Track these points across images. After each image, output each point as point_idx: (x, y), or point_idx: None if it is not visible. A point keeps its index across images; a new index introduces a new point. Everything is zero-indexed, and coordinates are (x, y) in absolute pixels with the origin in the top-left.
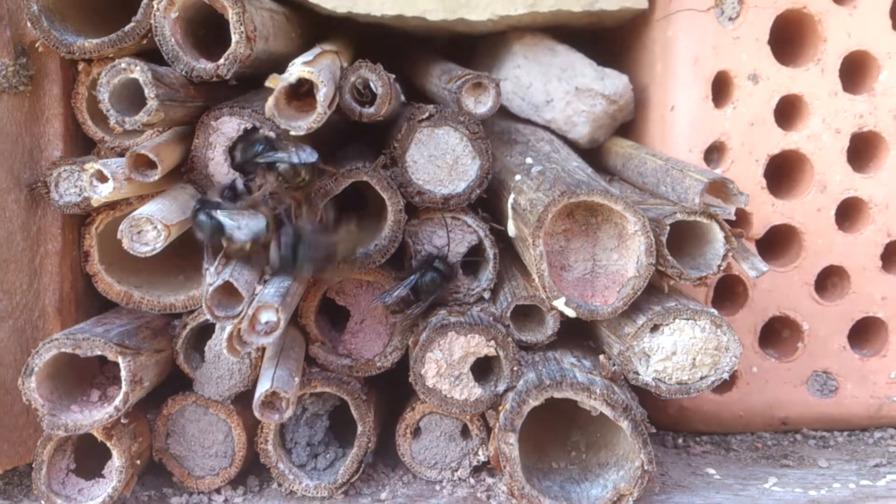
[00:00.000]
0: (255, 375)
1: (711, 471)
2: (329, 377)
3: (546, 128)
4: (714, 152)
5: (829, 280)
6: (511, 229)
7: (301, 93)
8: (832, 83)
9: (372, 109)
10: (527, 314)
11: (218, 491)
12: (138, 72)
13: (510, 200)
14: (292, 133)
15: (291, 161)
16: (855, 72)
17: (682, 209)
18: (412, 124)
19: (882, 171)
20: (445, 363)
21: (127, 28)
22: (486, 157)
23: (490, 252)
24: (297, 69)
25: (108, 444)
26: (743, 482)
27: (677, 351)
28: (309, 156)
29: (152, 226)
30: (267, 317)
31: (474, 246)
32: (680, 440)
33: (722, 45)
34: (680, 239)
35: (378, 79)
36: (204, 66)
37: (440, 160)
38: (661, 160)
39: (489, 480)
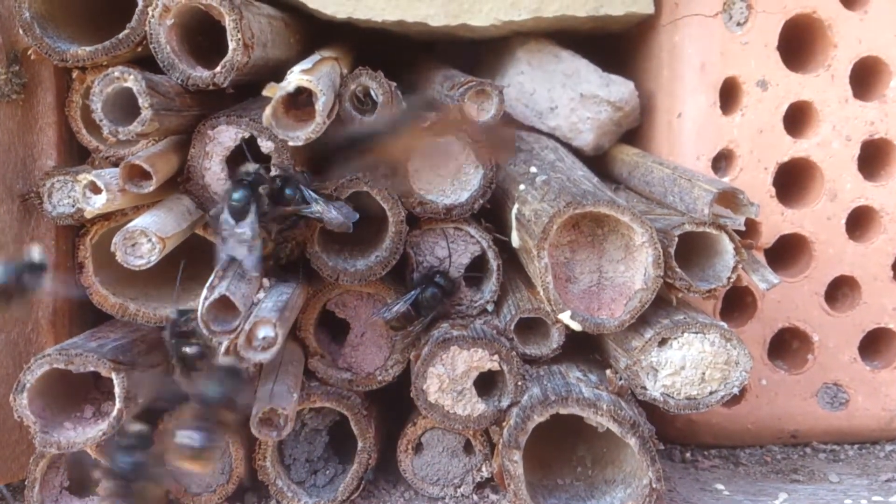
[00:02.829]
0: (252, 390)
1: (720, 486)
2: (329, 392)
3: (550, 135)
4: (722, 160)
5: (840, 290)
6: (515, 240)
7: (300, 101)
8: (842, 90)
9: (373, 118)
10: (531, 327)
11: None
12: (132, 80)
13: (514, 211)
14: (291, 143)
15: (325, 220)
16: (866, 78)
17: (691, 220)
18: None
19: (893, 180)
20: (448, 378)
21: (121, 35)
22: (490, 167)
23: (493, 263)
24: (295, 77)
25: (103, 462)
26: (753, 498)
27: (686, 365)
28: (348, 215)
29: (147, 238)
30: (264, 332)
31: (477, 257)
32: (688, 454)
33: (730, 50)
34: (688, 250)
35: (379, 87)
36: (200, 74)
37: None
38: (668, 169)
39: (493, 497)
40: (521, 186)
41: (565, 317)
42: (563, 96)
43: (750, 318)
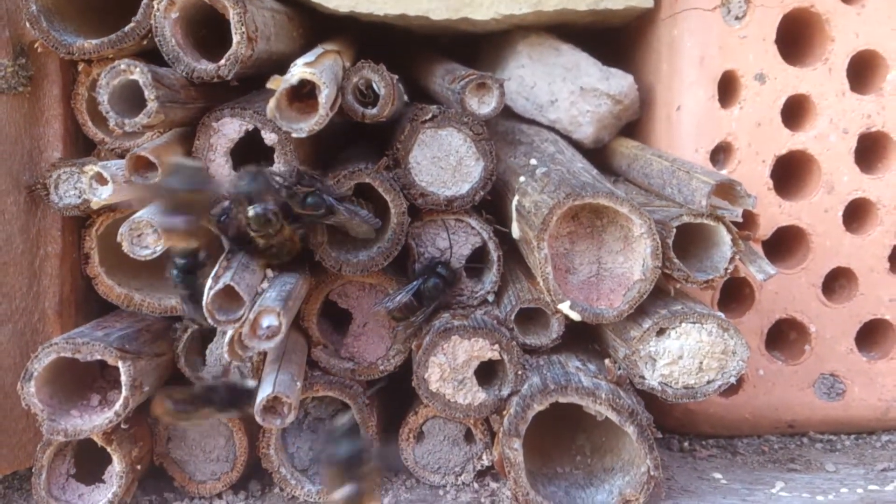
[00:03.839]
0: (256, 378)
1: (718, 475)
2: (331, 381)
3: (550, 128)
4: (720, 153)
5: (837, 282)
6: (515, 231)
7: (303, 94)
8: (840, 83)
9: (374, 110)
10: (531, 317)
11: (219, 495)
12: (138, 73)
13: (514, 202)
14: (294, 135)
15: (348, 229)
16: (863, 71)
17: (689, 211)
18: (415, 125)
19: (890, 172)
20: (449, 367)
21: (127, 28)
22: (490, 159)
23: (494, 254)
24: (298, 70)
25: (109, 449)
26: (750, 487)
27: (684, 355)
28: (370, 222)
29: (152, 229)
30: (268, 321)
31: (478, 248)
32: (686, 443)
33: (728, 44)
34: (686, 241)
35: (381, 79)
36: (205, 67)
37: (444, 161)
38: (666, 161)
39: (493, 485)
40: (522, 178)
41: (565, 307)
42: (564, 89)
43: (748, 309)
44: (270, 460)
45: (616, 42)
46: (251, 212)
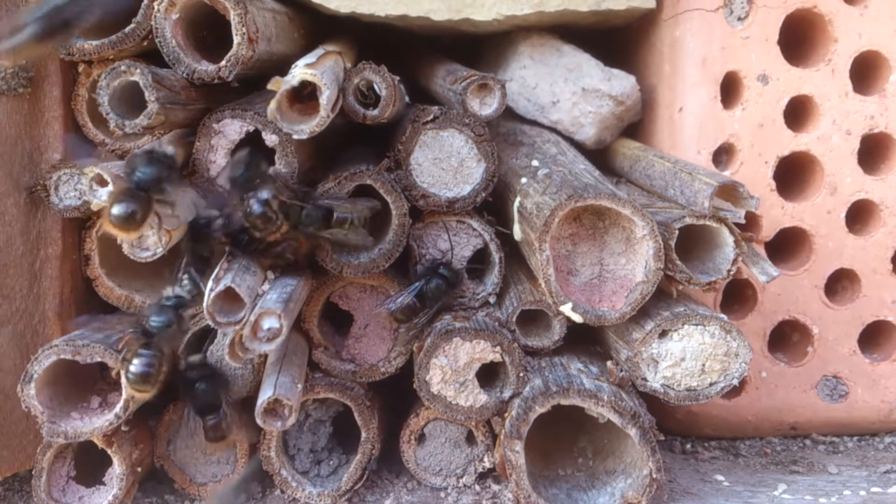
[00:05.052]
0: (257, 380)
1: (720, 477)
2: (332, 383)
3: (552, 129)
4: (723, 154)
5: (840, 283)
6: (517, 233)
7: (304, 95)
8: (843, 84)
9: (376, 112)
10: (533, 319)
11: None
12: (138, 74)
13: (516, 204)
14: (295, 137)
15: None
16: (866, 72)
17: (692, 213)
18: (417, 126)
19: (893, 174)
20: (450, 369)
21: (127, 30)
22: (492, 160)
23: (496, 256)
24: (299, 72)
25: (109, 452)
26: (752, 489)
27: (686, 357)
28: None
29: (153, 231)
30: (269, 323)
31: (480, 249)
32: (688, 445)
33: (731, 45)
34: (688, 243)
35: (382, 81)
36: (205, 68)
37: (445, 163)
38: (669, 162)
39: (495, 487)
40: (523, 180)
41: (567, 309)
42: (566, 90)
43: (750, 310)
44: (271, 462)
45: (618, 43)
46: (252, 208)
